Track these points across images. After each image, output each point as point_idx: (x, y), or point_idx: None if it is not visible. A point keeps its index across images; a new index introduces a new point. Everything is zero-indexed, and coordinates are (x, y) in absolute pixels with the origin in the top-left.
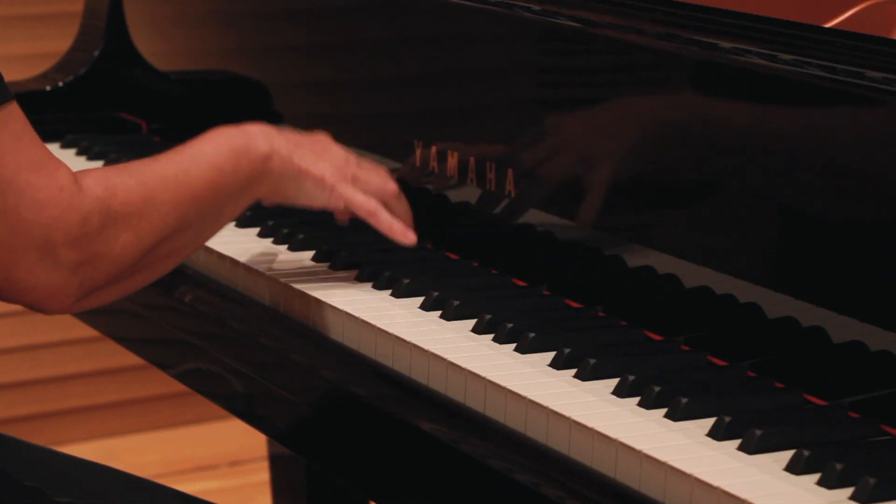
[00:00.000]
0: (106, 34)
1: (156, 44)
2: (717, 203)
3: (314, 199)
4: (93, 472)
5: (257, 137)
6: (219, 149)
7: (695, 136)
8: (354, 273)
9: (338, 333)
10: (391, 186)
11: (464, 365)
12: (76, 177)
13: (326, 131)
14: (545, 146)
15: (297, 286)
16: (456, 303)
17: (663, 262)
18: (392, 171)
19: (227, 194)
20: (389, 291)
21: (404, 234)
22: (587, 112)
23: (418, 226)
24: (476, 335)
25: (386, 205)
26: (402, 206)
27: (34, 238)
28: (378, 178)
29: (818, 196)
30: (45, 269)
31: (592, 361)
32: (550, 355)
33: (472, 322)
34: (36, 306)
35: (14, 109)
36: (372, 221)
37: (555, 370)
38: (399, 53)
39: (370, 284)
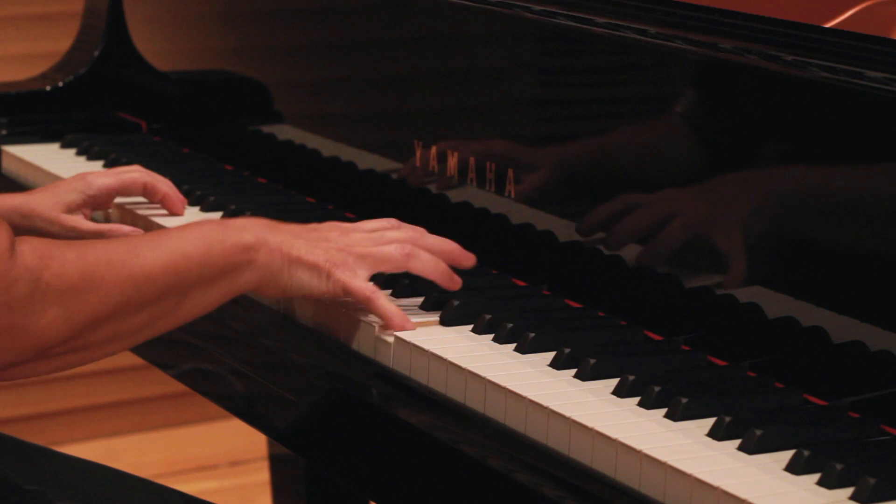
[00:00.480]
0: (106, 34)
1: (156, 44)
2: (716, 203)
3: (311, 287)
4: (93, 473)
5: (241, 229)
6: (188, 234)
7: (694, 135)
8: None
9: (344, 337)
10: (403, 252)
11: (464, 365)
12: (13, 242)
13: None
14: (545, 146)
15: None
16: (456, 303)
17: (663, 262)
18: (392, 172)
19: (193, 281)
20: (389, 291)
21: (402, 326)
22: (586, 112)
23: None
24: (476, 335)
25: (409, 265)
26: (427, 262)
27: None
28: (389, 249)
29: (818, 196)
30: None
31: (592, 361)
32: (550, 355)
33: (472, 322)
34: None
35: None
36: (369, 307)
37: (555, 370)
38: (399, 53)
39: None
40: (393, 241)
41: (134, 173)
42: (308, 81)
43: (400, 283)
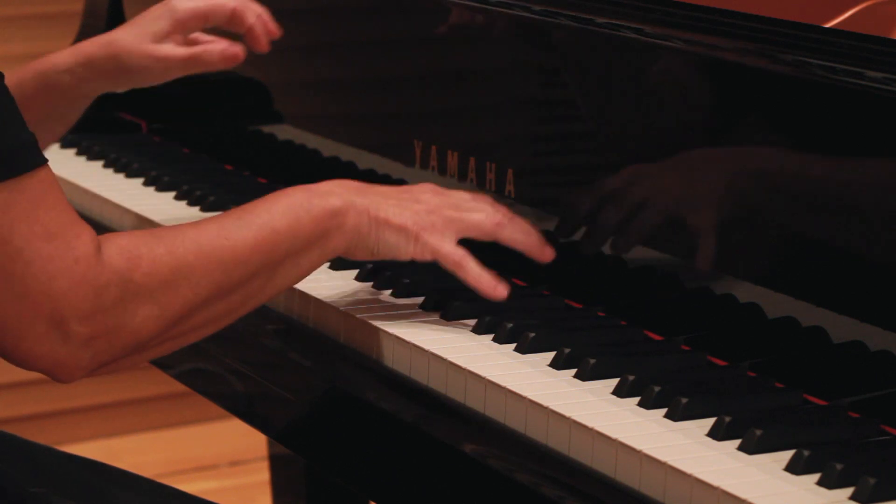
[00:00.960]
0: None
1: None
2: (716, 203)
3: (399, 250)
4: (96, 472)
5: (327, 193)
6: (274, 207)
7: (694, 135)
8: (354, 273)
9: (344, 337)
10: (494, 220)
11: (463, 365)
12: (99, 245)
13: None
14: (545, 147)
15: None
16: (455, 303)
17: (663, 262)
18: (392, 172)
19: (283, 255)
20: (390, 291)
21: (493, 289)
22: (586, 112)
23: None
24: (476, 335)
25: (498, 234)
26: (518, 230)
27: (42, 310)
28: (480, 216)
29: (818, 196)
30: (53, 341)
31: (592, 361)
32: (550, 355)
33: (473, 322)
34: (47, 374)
35: (38, 175)
36: (459, 274)
37: (555, 370)
38: (399, 53)
39: (370, 284)
40: (484, 209)
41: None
42: (308, 81)
43: (399, 282)
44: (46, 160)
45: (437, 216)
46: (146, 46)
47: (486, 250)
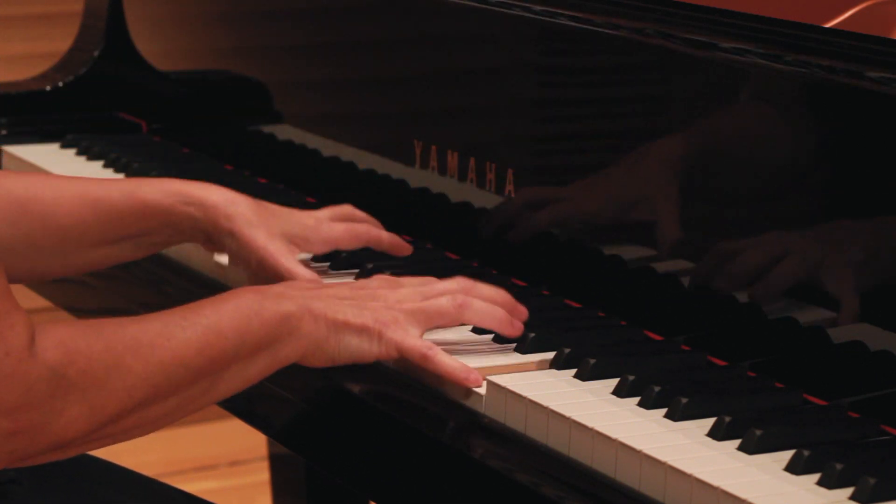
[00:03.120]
0: (106, 34)
1: (156, 44)
2: (716, 203)
3: (362, 352)
4: (100, 471)
5: (280, 296)
6: (222, 308)
7: (694, 136)
8: (354, 273)
9: None
10: (456, 303)
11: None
12: (34, 336)
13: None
14: (544, 147)
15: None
16: None
17: (663, 262)
18: (392, 172)
19: (229, 359)
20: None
21: (465, 378)
22: (586, 112)
23: (418, 226)
24: (476, 335)
25: (463, 316)
26: (483, 309)
27: None
28: (441, 302)
29: (818, 196)
30: None
31: (592, 361)
32: (551, 355)
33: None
34: None
35: None
36: (428, 367)
37: (555, 370)
38: (399, 53)
39: None
40: (444, 291)
41: (362, 228)
42: (308, 81)
43: None
44: None
45: (397, 311)
46: (274, 238)
47: (492, 250)
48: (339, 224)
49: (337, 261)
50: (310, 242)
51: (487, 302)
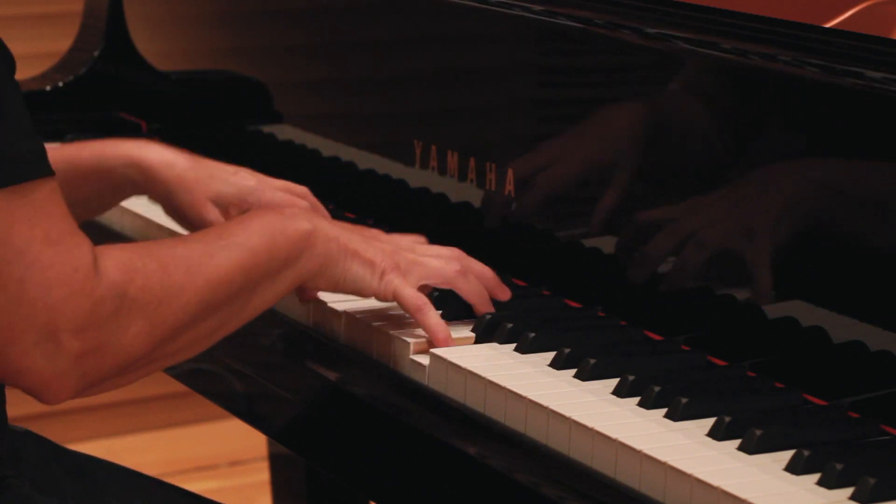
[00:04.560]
0: (106, 34)
1: (156, 44)
2: (716, 203)
3: (363, 284)
4: (102, 470)
5: (296, 216)
6: (251, 228)
7: (694, 135)
8: None
9: (344, 337)
10: (454, 268)
11: (463, 365)
12: (96, 258)
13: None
14: (545, 147)
15: None
16: (455, 304)
17: (664, 263)
18: (392, 172)
19: (261, 275)
20: None
21: (446, 340)
22: (586, 112)
23: (418, 226)
24: (476, 335)
25: (456, 283)
26: (473, 284)
27: (36, 318)
28: (440, 263)
29: (818, 195)
30: (43, 353)
31: (592, 361)
32: (550, 355)
33: (472, 322)
34: (29, 392)
35: (43, 185)
36: (417, 318)
37: (555, 370)
38: (399, 53)
39: None
40: (442, 255)
41: (302, 203)
42: (308, 81)
43: None
44: (53, 173)
45: (400, 257)
46: (202, 204)
47: (492, 250)
48: (282, 193)
49: None
50: (247, 203)
51: (476, 276)
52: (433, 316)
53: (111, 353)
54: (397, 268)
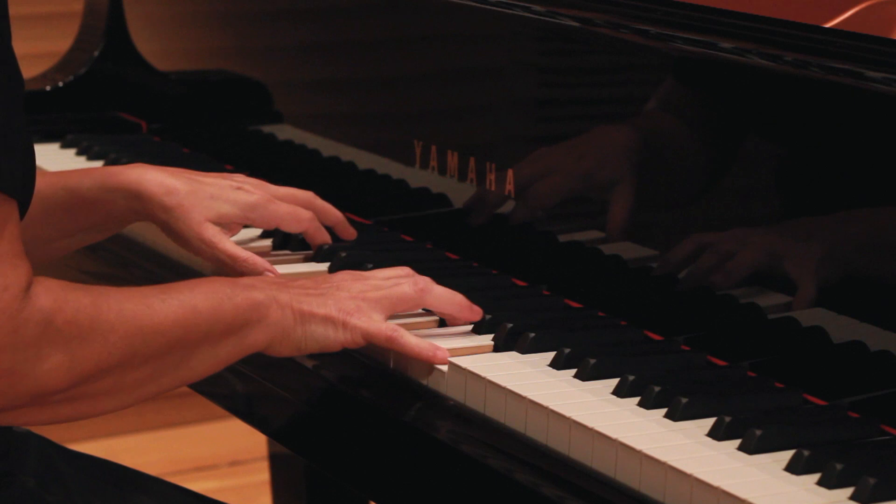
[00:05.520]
0: (106, 34)
1: (156, 44)
2: (716, 203)
3: (328, 341)
4: (108, 472)
5: (249, 287)
6: (198, 289)
7: (694, 135)
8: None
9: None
10: (418, 288)
11: (463, 365)
12: (31, 284)
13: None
14: (544, 147)
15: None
16: None
17: (663, 262)
18: (392, 172)
19: (201, 336)
20: None
21: (434, 355)
22: (586, 113)
23: (418, 226)
24: (475, 335)
25: (425, 300)
26: (443, 295)
27: None
28: (403, 288)
29: (817, 195)
30: None
31: (592, 361)
32: (550, 355)
33: (472, 323)
34: None
35: (6, 203)
36: (395, 348)
37: (555, 370)
38: (399, 53)
39: None
40: (401, 276)
41: (305, 214)
42: (308, 81)
43: None
44: (17, 194)
45: (361, 300)
46: (200, 225)
47: (492, 250)
48: (286, 205)
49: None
50: (250, 220)
51: (439, 297)
52: (409, 339)
53: (25, 379)
54: (359, 310)
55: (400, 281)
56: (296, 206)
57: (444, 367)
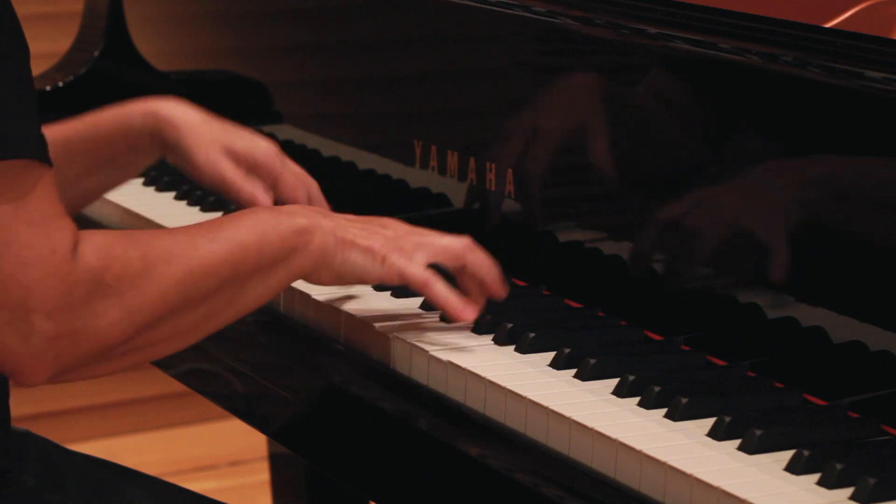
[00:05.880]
0: (106, 34)
1: (156, 44)
2: (716, 203)
3: (365, 272)
4: (106, 471)
5: (293, 213)
6: (243, 224)
7: (694, 135)
8: None
9: (344, 336)
10: (462, 244)
11: (463, 364)
12: (77, 243)
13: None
14: (544, 147)
15: None
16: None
17: (663, 262)
18: (392, 172)
19: (250, 270)
20: (390, 292)
21: (461, 311)
22: (586, 112)
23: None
24: (476, 335)
25: (463, 268)
26: (485, 258)
27: (9, 297)
28: (448, 240)
29: (817, 195)
30: (16, 333)
31: (592, 361)
32: (550, 355)
33: (473, 323)
34: (5, 372)
35: (34, 167)
36: (426, 294)
37: (555, 370)
38: (399, 53)
39: (370, 286)
40: (447, 236)
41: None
42: (308, 81)
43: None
44: (46, 158)
45: (404, 241)
46: (216, 154)
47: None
48: (296, 171)
49: None
50: (256, 160)
51: (481, 265)
52: (442, 289)
53: (87, 337)
54: (401, 250)
55: (446, 234)
56: (303, 181)
57: (444, 367)
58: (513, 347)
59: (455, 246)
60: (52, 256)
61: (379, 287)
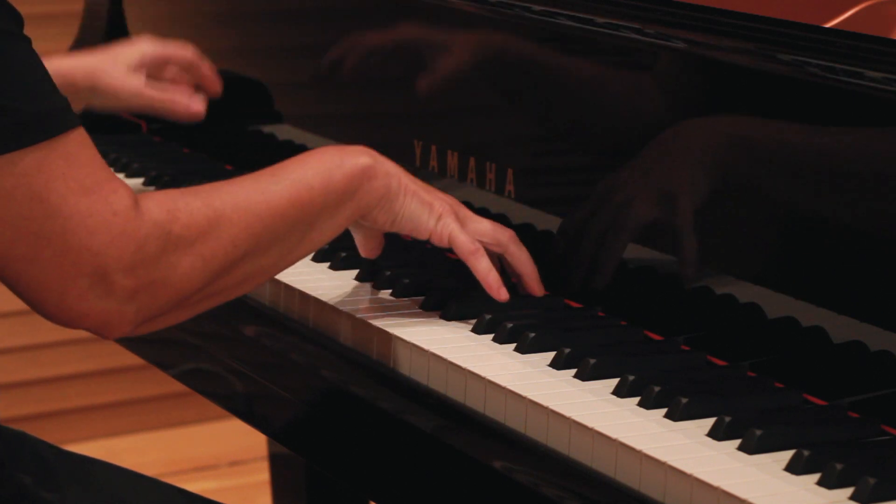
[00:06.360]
0: (106, 34)
1: None
2: (716, 203)
3: (420, 222)
4: (104, 472)
5: (357, 153)
6: (307, 164)
7: (694, 136)
8: (354, 273)
9: (346, 336)
10: (509, 232)
11: (463, 365)
12: (137, 200)
13: (329, 136)
14: (544, 146)
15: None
16: (455, 303)
17: (663, 262)
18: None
19: (318, 210)
20: (390, 291)
21: (497, 289)
22: (586, 112)
23: None
24: (476, 335)
25: (510, 246)
26: (523, 252)
27: (84, 265)
28: (491, 225)
29: (818, 196)
30: (97, 296)
31: (592, 361)
32: (550, 355)
33: (472, 322)
34: (94, 332)
35: (71, 136)
36: (470, 262)
37: (555, 370)
38: (399, 53)
39: (370, 284)
40: (494, 223)
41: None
42: (308, 81)
43: (399, 282)
44: (79, 122)
45: (459, 210)
46: (122, 75)
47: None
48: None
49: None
50: (168, 58)
51: (522, 261)
52: (486, 263)
53: (165, 288)
54: (455, 216)
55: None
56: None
57: (444, 367)
58: (513, 347)
59: (502, 233)
60: (116, 218)
61: (382, 285)
